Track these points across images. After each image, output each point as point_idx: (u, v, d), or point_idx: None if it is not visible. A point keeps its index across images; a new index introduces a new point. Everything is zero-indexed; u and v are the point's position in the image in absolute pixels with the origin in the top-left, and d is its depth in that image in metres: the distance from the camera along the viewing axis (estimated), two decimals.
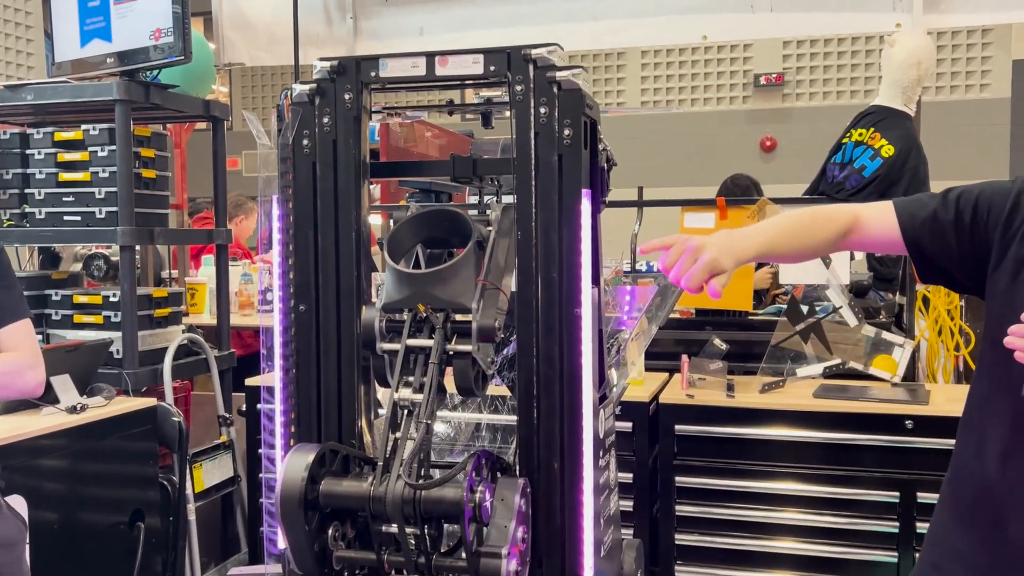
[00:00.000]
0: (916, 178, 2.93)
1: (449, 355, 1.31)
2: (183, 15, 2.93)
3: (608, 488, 1.47)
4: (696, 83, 10.95)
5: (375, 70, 1.36)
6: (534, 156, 1.31)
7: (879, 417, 2.65)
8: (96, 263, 3.86)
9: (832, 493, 2.69)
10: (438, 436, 1.91)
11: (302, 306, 1.39)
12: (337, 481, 1.25)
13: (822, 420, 2.70)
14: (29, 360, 2.20)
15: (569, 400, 1.32)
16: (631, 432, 2.83)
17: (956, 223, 1.28)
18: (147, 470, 2.75)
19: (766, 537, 2.76)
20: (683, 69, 10.86)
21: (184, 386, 3.48)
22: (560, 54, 1.30)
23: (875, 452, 2.64)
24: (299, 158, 1.38)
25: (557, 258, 1.31)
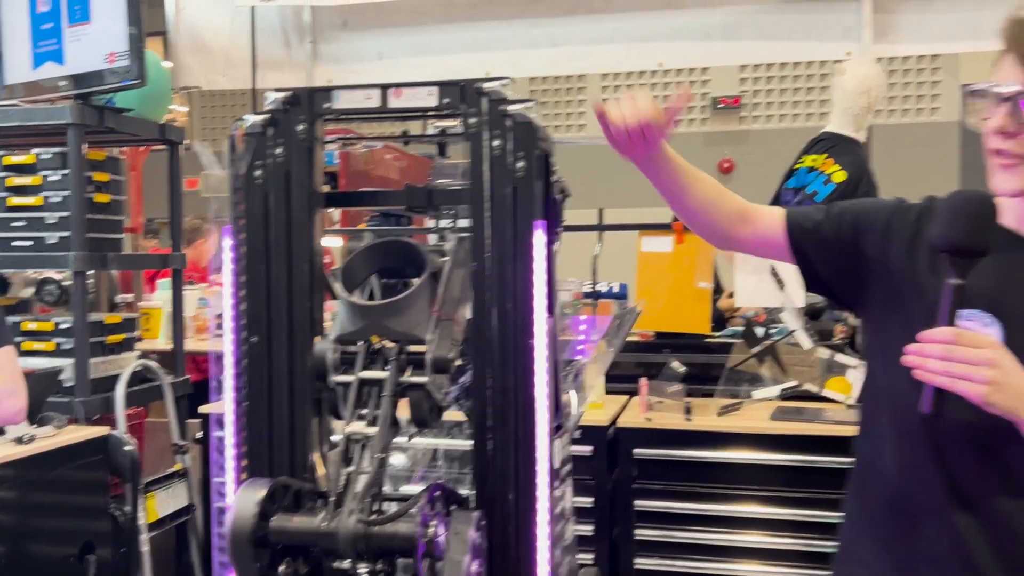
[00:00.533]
0: None
1: (403, 387, 1.30)
2: (138, 39, 2.90)
3: (563, 517, 1.47)
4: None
5: (328, 101, 1.36)
6: (488, 188, 1.31)
7: (834, 439, 2.69)
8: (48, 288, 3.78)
9: (790, 515, 2.72)
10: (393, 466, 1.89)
11: (254, 338, 1.37)
12: (288, 517, 1.23)
13: (779, 442, 2.74)
14: (9, 387, 2.16)
15: (523, 431, 1.32)
16: (590, 456, 2.85)
17: (837, 237, 1.32)
18: (98, 500, 2.70)
19: (726, 560, 2.78)
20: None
21: (138, 413, 3.42)
22: (513, 88, 1.31)
23: (831, 473, 2.68)
24: (251, 189, 1.37)
25: (511, 289, 1.32)
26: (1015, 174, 1.18)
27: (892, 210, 1.32)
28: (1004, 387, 1.08)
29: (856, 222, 1.31)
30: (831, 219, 1.33)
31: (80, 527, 2.61)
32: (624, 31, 3.32)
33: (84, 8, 3.01)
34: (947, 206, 1.17)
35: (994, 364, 1.08)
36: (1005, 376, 1.08)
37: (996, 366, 1.08)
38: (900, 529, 1.26)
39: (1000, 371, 1.08)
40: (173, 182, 3.35)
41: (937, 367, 1.09)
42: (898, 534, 1.26)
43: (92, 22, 3.01)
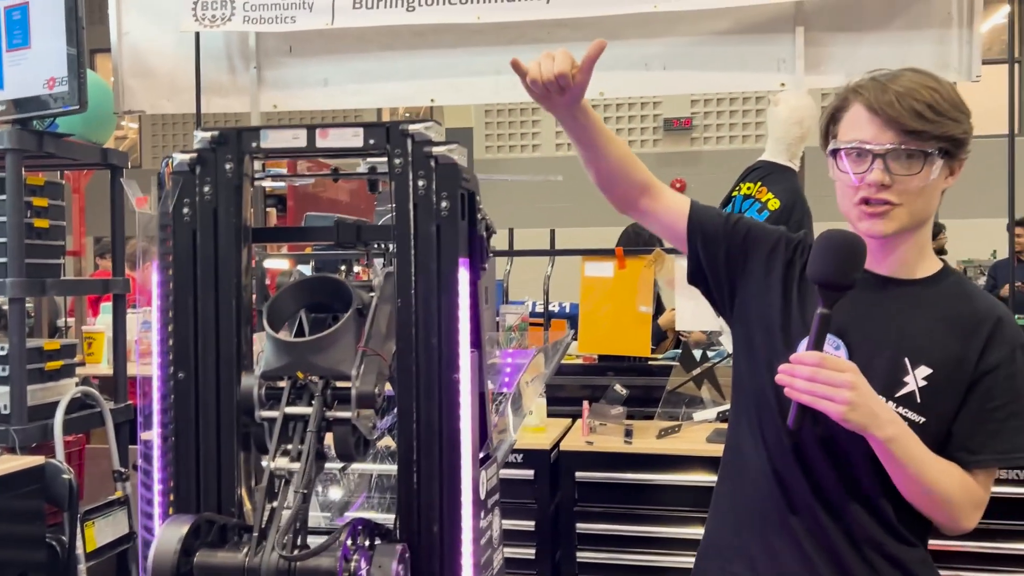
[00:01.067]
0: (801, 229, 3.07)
1: (329, 422, 1.32)
2: (78, 64, 2.89)
3: (491, 546, 1.50)
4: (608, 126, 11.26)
5: (256, 141, 1.38)
6: (413, 226, 1.34)
7: None
8: None
9: None
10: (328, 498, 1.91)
11: (181, 373, 1.38)
12: (212, 552, 1.24)
13: (714, 464, 2.78)
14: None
15: (449, 463, 1.35)
16: (532, 479, 2.88)
17: (727, 241, 1.45)
18: (33, 530, 2.66)
19: None
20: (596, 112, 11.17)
21: (79, 440, 3.38)
22: (437, 130, 1.35)
23: None
24: (179, 226, 1.39)
25: (436, 324, 1.35)
26: (888, 219, 1.32)
27: (779, 236, 1.46)
28: (859, 407, 1.24)
29: (748, 235, 1.46)
30: (728, 224, 1.46)
31: (14, 557, 2.57)
32: None
33: (24, 33, 2.99)
34: (824, 244, 1.30)
35: (853, 387, 1.24)
36: (861, 398, 1.24)
37: (854, 388, 1.24)
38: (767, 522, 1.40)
39: (857, 393, 1.24)
40: (115, 206, 3.33)
41: (804, 387, 1.25)
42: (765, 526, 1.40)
43: (32, 47, 2.99)
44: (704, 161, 11.06)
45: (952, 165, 1.33)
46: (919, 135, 1.28)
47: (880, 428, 1.25)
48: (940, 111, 1.28)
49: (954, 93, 1.32)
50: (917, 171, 1.28)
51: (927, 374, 1.32)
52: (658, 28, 3.27)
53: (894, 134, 1.28)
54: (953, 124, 1.29)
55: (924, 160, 1.28)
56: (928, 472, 1.29)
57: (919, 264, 1.38)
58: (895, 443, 1.27)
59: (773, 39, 3.24)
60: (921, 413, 1.31)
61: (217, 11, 3.40)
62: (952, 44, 3.13)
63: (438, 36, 3.46)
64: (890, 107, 1.28)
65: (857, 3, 3.19)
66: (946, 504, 1.32)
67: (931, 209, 1.35)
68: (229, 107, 3.68)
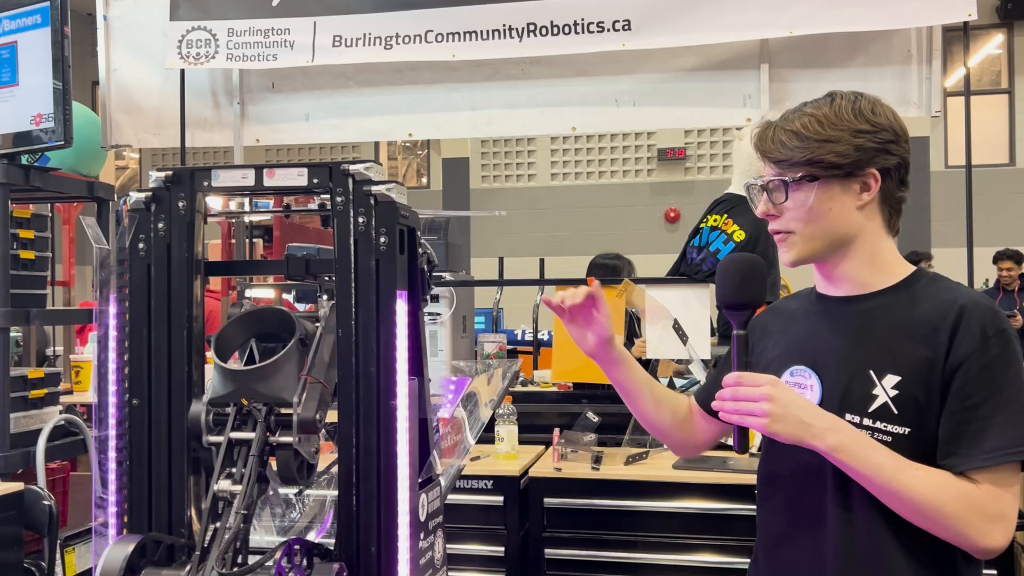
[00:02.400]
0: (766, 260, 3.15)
1: (272, 447, 1.39)
2: (64, 102, 2.99)
3: (433, 567, 1.56)
4: (603, 156, 11.40)
5: (208, 180, 1.46)
6: (353, 261, 1.42)
7: (736, 487, 2.80)
8: None
9: (694, 561, 2.82)
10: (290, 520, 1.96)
11: (135, 400, 1.46)
12: (157, 571, 1.30)
13: (681, 490, 2.84)
14: None
15: (386, 486, 1.41)
16: (502, 505, 2.93)
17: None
18: (11, 556, 2.71)
19: None
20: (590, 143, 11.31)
21: (63, 467, 3.44)
22: (377, 170, 1.43)
23: (734, 520, 2.79)
24: (135, 260, 1.47)
25: (375, 354, 1.42)
26: (787, 247, 1.37)
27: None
28: (782, 417, 1.23)
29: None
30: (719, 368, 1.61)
31: None
32: (538, 96, 3.49)
33: (12, 71, 3.10)
34: (722, 269, 1.36)
35: (771, 398, 1.24)
36: (782, 407, 1.24)
37: (772, 399, 1.23)
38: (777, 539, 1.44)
39: (776, 403, 1.23)
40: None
41: (730, 407, 1.27)
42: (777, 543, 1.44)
43: (20, 84, 3.10)
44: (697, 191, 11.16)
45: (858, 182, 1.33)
46: (782, 164, 1.33)
47: (817, 437, 1.23)
48: (804, 136, 1.30)
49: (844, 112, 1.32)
50: (783, 200, 1.33)
51: (895, 382, 1.28)
52: (627, 65, 3.38)
53: (770, 167, 1.36)
54: (821, 145, 1.30)
55: (785, 188, 1.33)
56: (901, 480, 1.22)
57: (875, 278, 1.36)
58: (843, 452, 1.23)
59: (739, 75, 3.34)
60: (902, 424, 1.26)
61: (201, 49, 3.52)
62: (912, 80, 3.23)
63: (416, 73, 3.57)
64: (762, 143, 1.36)
65: (820, 41, 3.29)
66: (939, 516, 1.23)
67: (846, 229, 1.34)
68: (213, 141, 3.78)
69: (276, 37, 3.51)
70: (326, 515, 2.19)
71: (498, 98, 3.49)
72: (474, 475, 2.94)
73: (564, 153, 11.46)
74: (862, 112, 1.33)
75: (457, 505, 2.91)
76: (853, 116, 1.32)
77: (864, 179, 1.33)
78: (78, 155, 3.67)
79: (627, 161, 11.45)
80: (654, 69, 3.40)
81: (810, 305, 1.45)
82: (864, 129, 1.32)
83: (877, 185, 1.34)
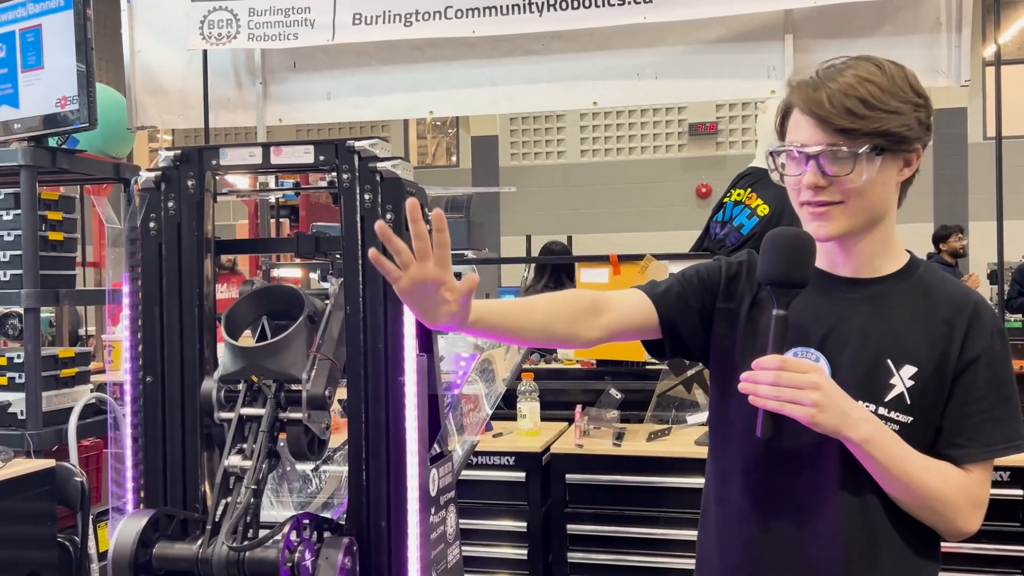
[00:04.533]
0: None
1: (282, 423, 1.40)
2: (88, 84, 3.02)
3: (445, 541, 1.57)
4: (633, 132, 11.30)
5: (216, 158, 1.47)
6: (360, 238, 1.43)
7: None
8: (11, 322, 3.89)
9: None
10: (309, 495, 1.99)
11: (149, 377, 1.48)
12: (170, 544, 1.33)
13: (703, 467, 2.82)
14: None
15: (395, 461, 1.42)
16: (524, 481, 2.94)
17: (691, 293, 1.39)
18: (44, 531, 2.77)
19: None
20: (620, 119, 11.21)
21: (96, 444, 3.51)
22: (383, 146, 1.43)
23: None
24: (146, 239, 1.48)
25: (383, 330, 1.42)
26: (829, 220, 1.27)
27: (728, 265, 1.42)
28: (828, 408, 1.19)
29: (703, 278, 1.40)
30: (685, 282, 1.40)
31: (25, 557, 2.69)
32: (559, 71, 3.46)
33: (37, 55, 3.14)
34: (771, 243, 1.26)
35: (818, 387, 1.18)
36: (828, 397, 1.19)
37: (819, 388, 1.18)
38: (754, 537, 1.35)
39: (823, 393, 1.18)
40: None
41: (767, 392, 1.19)
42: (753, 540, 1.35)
43: (45, 67, 3.14)
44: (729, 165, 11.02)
45: (903, 157, 1.27)
46: (850, 133, 1.23)
47: (853, 428, 1.21)
48: (873, 106, 1.23)
49: (899, 81, 1.25)
50: (848, 171, 1.24)
51: (912, 373, 1.27)
52: (649, 38, 3.33)
53: (826, 134, 1.24)
54: (890, 117, 1.23)
55: (854, 160, 1.23)
56: (913, 471, 1.24)
57: (884, 260, 1.34)
58: (872, 444, 1.22)
59: (763, 47, 3.28)
60: (910, 414, 1.27)
61: (223, 29, 3.53)
62: (941, 48, 3.15)
63: (436, 50, 3.55)
64: (820, 107, 1.23)
65: (846, 10, 3.21)
66: (939, 504, 1.26)
67: (883, 205, 1.30)
68: (236, 121, 3.81)
69: (296, 16, 3.50)
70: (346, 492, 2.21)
71: (519, 74, 3.46)
72: (496, 451, 2.95)
73: (594, 130, 11.37)
74: (912, 84, 1.26)
75: (480, 481, 2.93)
76: (909, 87, 1.26)
77: (909, 155, 1.28)
78: (105, 137, 3.71)
79: (657, 136, 11.34)
80: (676, 42, 3.34)
81: (812, 281, 1.35)
82: (919, 102, 1.26)
83: (918, 162, 1.29)
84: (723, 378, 1.39)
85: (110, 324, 4.59)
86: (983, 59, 9.19)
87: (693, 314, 1.39)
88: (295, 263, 4.25)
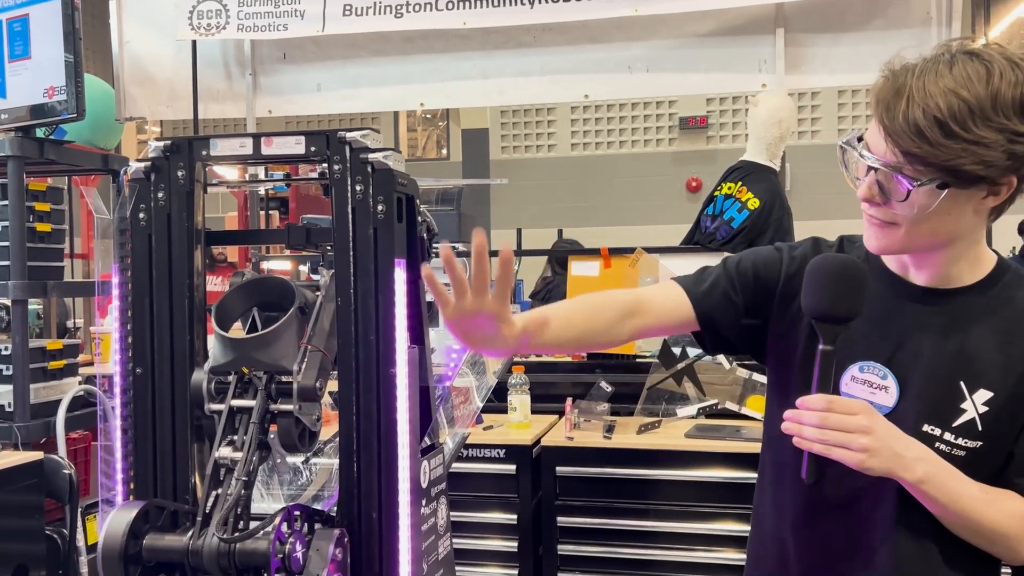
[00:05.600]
0: (780, 228, 3.12)
1: (273, 414, 1.40)
2: (76, 74, 3.00)
3: (436, 533, 1.57)
4: (624, 125, 11.30)
5: (206, 149, 1.46)
6: (351, 229, 1.42)
7: (748, 455, 2.80)
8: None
9: (705, 529, 2.83)
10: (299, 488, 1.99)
11: (139, 369, 1.47)
12: (160, 536, 1.32)
13: (693, 459, 2.84)
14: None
15: (386, 453, 1.42)
16: (515, 474, 2.95)
17: (741, 290, 1.29)
18: (32, 524, 2.76)
19: (645, 574, 2.87)
20: (611, 112, 11.20)
21: (84, 437, 3.50)
22: (374, 137, 1.42)
23: (745, 488, 2.79)
24: (136, 230, 1.48)
25: (374, 322, 1.42)
26: (882, 236, 1.16)
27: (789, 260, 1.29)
28: (879, 452, 1.09)
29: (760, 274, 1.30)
30: (729, 273, 1.30)
31: (13, 550, 2.68)
32: (550, 64, 3.46)
33: (25, 44, 3.11)
34: (815, 273, 1.15)
35: (868, 431, 1.09)
36: (880, 441, 1.10)
37: (869, 432, 1.09)
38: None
39: (874, 436, 1.09)
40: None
41: (813, 435, 1.10)
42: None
43: (32, 57, 3.11)
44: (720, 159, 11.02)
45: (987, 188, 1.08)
46: (914, 158, 1.06)
47: (908, 470, 1.11)
48: (952, 132, 1.03)
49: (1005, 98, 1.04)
50: (901, 199, 1.09)
51: (987, 398, 1.16)
52: (640, 31, 3.33)
53: (891, 148, 1.08)
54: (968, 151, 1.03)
55: (910, 188, 1.07)
56: (971, 506, 1.14)
57: (965, 269, 1.19)
58: (928, 484, 1.12)
59: (754, 40, 3.29)
60: (981, 440, 1.16)
61: (212, 20, 3.51)
62: (932, 42, 3.14)
63: (427, 42, 3.54)
64: (891, 120, 1.07)
65: (837, 4, 3.22)
66: (1002, 539, 1.16)
67: (951, 231, 1.14)
68: (225, 112, 3.79)
69: (286, 7, 3.49)
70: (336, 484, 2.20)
71: (510, 66, 3.46)
72: (487, 444, 2.96)
73: (584, 123, 11.36)
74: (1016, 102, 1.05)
75: (470, 474, 2.93)
76: (1014, 110, 1.04)
77: (998, 187, 1.09)
78: (94, 128, 3.69)
79: (648, 130, 11.34)
80: (667, 35, 3.35)
81: (881, 286, 1.23)
82: (1020, 131, 1.04)
83: (1009, 192, 1.11)
84: (781, 386, 1.28)
85: (98, 316, 4.57)
86: None
87: (740, 312, 1.29)
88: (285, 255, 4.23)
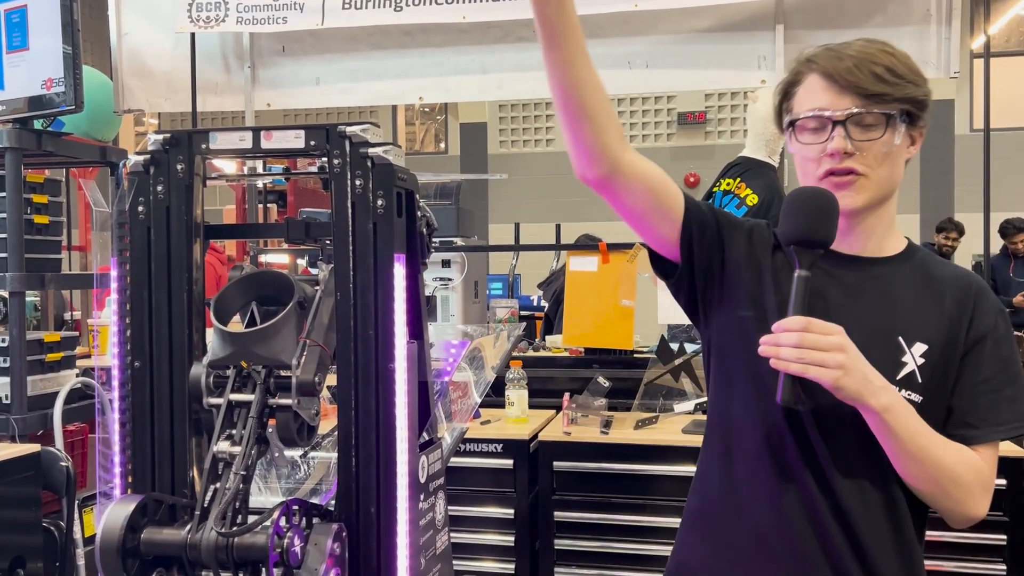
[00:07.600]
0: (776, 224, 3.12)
1: (272, 409, 1.40)
2: (74, 66, 2.99)
3: (434, 527, 1.57)
4: (623, 120, 11.29)
5: (205, 142, 1.45)
6: (351, 224, 1.42)
7: None
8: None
9: None
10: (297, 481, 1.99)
11: (137, 362, 1.47)
12: (158, 530, 1.32)
13: (690, 454, 2.84)
14: None
15: (385, 448, 1.42)
16: (512, 469, 2.95)
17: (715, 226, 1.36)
18: (29, 516, 2.77)
19: (642, 569, 2.88)
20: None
21: (81, 429, 3.50)
22: (374, 132, 1.42)
23: None
24: (135, 223, 1.47)
25: (373, 317, 1.42)
26: (855, 190, 1.26)
27: (753, 224, 1.40)
28: (852, 371, 1.16)
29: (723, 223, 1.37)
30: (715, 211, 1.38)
31: (10, 542, 2.68)
32: None
33: (23, 36, 3.11)
34: (794, 200, 1.24)
35: (843, 348, 1.16)
36: (852, 360, 1.16)
37: (844, 351, 1.16)
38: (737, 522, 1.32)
39: (848, 356, 1.16)
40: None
41: (790, 355, 1.15)
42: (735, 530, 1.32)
43: (30, 48, 3.10)
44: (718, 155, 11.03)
45: (913, 132, 1.30)
46: (880, 98, 1.24)
47: (874, 396, 1.17)
48: (899, 74, 1.26)
49: (909, 60, 1.30)
50: (879, 136, 1.25)
51: (923, 351, 1.26)
52: (640, 27, 3.33)
53: (853, 99, 1.24)
54: (913, 87, 1.26)
55: (886, 123, 1.25)
56: (929, 446, 1.21)
57: (888, 241, 1.34)
58: (891, 413, 1.18)
59: (753, 36, 3.29)
60: (920, 393, 1.25)
61: (211, 12, 3.50)
62: (931, 40, 3.16)
63: (426, 35, 3.53)
64: (848, 73, 1.24)
65: (836, 0, 3.22)
66: (954, 485, 1.23)
67: (896, 179, 1.30)
68: (224, 105, 3.78)
69: (286, 0, 3.48)
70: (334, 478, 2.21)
71: (509, 61, 3.45)
72: (484, 439, 2.96)
73: None
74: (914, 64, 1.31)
75: (467, 468, 2.94)
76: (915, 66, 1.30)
77: (917, 132, 1.31)
78: (92, 120, 3.68)
79: (647, 125, 11.34)
80: (667, 30, 3.34)
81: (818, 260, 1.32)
82: (925, 80, 1.30)
83: (920, 141, 1.32)
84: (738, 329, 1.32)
85: (96, 308, 4.56)
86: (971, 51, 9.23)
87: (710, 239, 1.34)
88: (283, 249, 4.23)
